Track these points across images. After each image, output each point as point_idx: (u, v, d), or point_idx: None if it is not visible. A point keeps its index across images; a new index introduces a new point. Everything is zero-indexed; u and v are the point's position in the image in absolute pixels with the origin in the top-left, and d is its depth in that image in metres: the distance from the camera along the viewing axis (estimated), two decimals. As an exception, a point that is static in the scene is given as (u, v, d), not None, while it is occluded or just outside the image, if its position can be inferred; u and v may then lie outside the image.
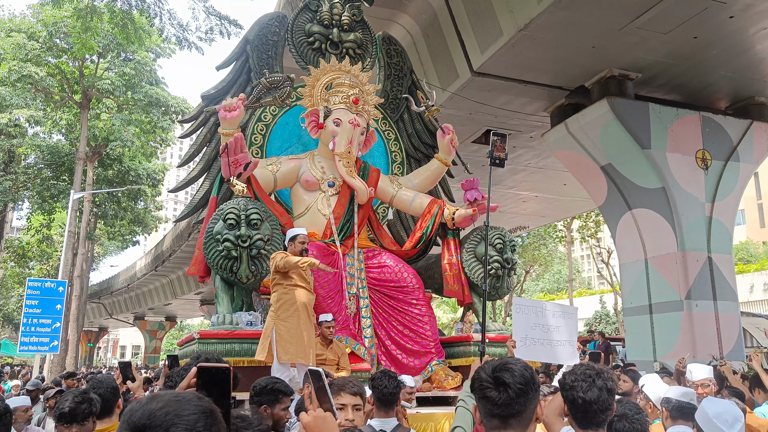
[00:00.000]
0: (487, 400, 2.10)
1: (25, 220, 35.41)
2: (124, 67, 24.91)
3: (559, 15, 11.20)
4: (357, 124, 8.13)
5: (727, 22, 11.51)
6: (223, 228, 6.75)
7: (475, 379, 2.19)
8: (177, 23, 15.91)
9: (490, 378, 2.12)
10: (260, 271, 6.89)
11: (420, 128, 9.71)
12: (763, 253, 44.00)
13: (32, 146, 27.13)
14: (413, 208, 8.58)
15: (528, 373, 2.12)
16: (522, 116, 15.35)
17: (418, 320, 7.77)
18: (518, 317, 5.33)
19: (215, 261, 6.79)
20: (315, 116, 8.22)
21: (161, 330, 54.91)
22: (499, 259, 7.97)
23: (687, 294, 13.11)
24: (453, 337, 8.30)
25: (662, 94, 14.31)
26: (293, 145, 8.90)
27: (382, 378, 4.07)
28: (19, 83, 23.39)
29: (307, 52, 8.95)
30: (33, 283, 18.42)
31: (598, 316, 42.34)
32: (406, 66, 9.80)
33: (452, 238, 8.23)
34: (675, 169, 13.60)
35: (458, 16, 13.13)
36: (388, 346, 7.66)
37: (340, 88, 8.45)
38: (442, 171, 8.90)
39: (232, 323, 6.74)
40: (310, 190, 8.19)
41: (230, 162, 7.03)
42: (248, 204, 6.93)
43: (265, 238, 6.85)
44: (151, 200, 32.12)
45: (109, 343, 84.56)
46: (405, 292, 7.88)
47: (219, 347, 6.37)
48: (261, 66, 8.64)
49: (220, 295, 7.07)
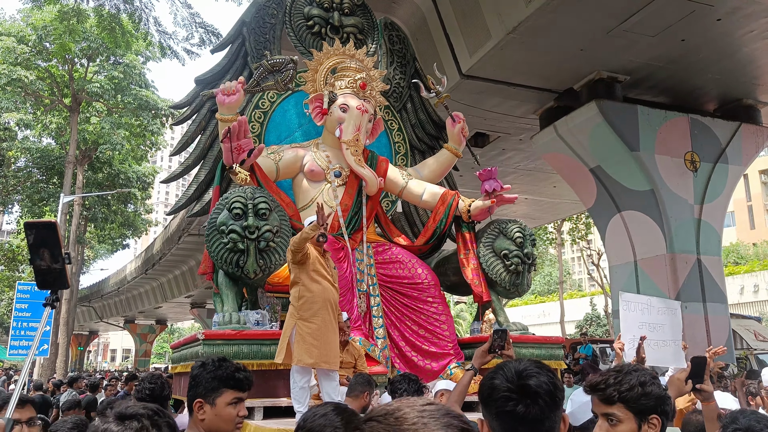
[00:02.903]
0: (510, 416, 1.66)
1: (15, 223, 35.23)
2: (113, 70, 24.89)
3: (547, 18, 11.22)
4: (365, 110, 7.59)
5: (714, 25, 11.56)
6: (229, 218, 6.17)
7: (488, 389, 1.73)
8: (162, 30, 15.85)
9: (513, 386, 1.68)
10: (269, 265, 6.31)
11: (424, 118, 9.28)
12: (753, 255, 44.18)
13: (22, 150, 27.08)
14: (424, 200, 7.97)
15: (555, 378, 1.74)
16: (511, 119, 15.37)
17: (435, 319, 7.18)
18: (626, 315, 4.80)
19: (219, 254, 6.21)
20: (319, 101, 7.63)
21: (152, 333, 54.68)
22: (519, 254, 7.40)
23: (676, 296, 13.12)
24: (473, 337, 7.59)
25: (651, 97, 14.36)
26: (293, 134, 8.31)
27: (402, 382, 3.78)
28: (9, 87, 23.34)
29: (306, 37, 8.51)
30: (23, 287, 18.28)
31: (588, 318, 42.39)
32: (408, 53, 9.36)
33: (467, 232, 7.68)
34: (664, 172, 13.65)
35: (447, 19, 13.15)
36: (402, 348, 7.13)
37: (345, 72, 7.90)
38: (452, 162, 8.36)
39: (240, 322, 6.12)
40: (314, 181, 7.64)
41: (233, 148, 6.50)
42: (255, 192, 6.34)
43: (273, 229, 6.24)
44: (141, 203, 32.05)
45: (99, 346, 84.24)
46: (419, 289, 7.29)
47: (225, 349, 5.78)
48: (258, 49, 8.16)
49: (224, 291, 6.46)
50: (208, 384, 2.45)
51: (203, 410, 2.44)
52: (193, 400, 2.46)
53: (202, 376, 2.47)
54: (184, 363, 6.54)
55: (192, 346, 6.27)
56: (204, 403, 2.44)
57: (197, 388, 2.47)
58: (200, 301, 40.22)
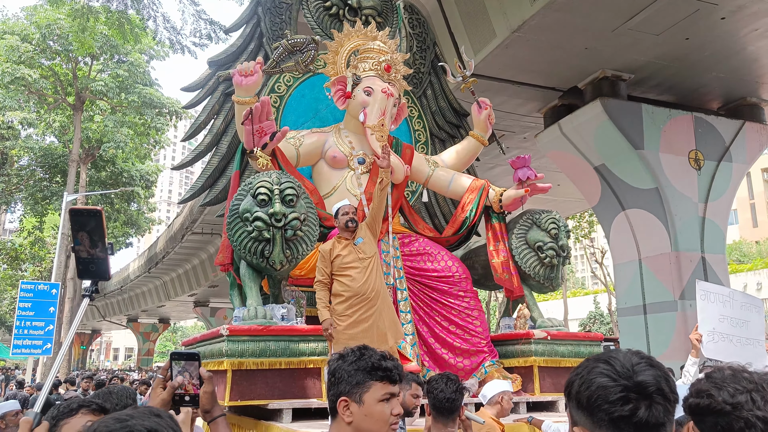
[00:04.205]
0: (627, 422, 1.32)
1: (18, 222, 35.29)
2: (117, 68, 24.90)
3: (552, 17, 11.23)
4: (390, 94, 7.13)
5: (719, 24, 11.56)
6: (253, 205, 5.70)
7: (593, 390, 1.36)
8: (171, 26, 15.89)
9: (630, 384, 1.34)
10: (295, 255, 5.85)
11: (444, 106, 8.90)
12: (756, 253, 44.18)
13: (25, 148, 27.14)
14: (452, 189, 7.59)
15: (665, 370, 1.41)
16: (516, 117, 15.38)
17: (467, 314, 6.75)
18: (704, 306, 4.45)
19: (243, 244, 5.75)
20: (342, 84, 7.18)
21: (154, 332, 54.77)
22: (554, 246, 7.03)
23: (681, 294, 13.14)
24: (507, 334, 7.13)
25: (655, 95, 14.36)
26: (309, 120, 7.85)
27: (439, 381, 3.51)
28: (13, 85, 23.40)
29: (324, 18, 8.17)
30: (26, 286, 18.34)
31: (592, 316, 42.42)
32: (429, 38, 9.00)
33: (498, 223, 7.28)
34: (668, 170, 13.65)
35: (451, 17, 13.13)
36: (432, 345, 6.66)
37: (369, 53, 7.43)
38: (477, 150, 7.98)
39: (266, 317, 5.64)
40: (337, 168, 7.21)
41: (254, 130, 6.06)
42: (281, 177, 5.84)
43: (301, 217, 5.77)
44: (144, 202, 32.07)
45: (102, 345, 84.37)
46: (450, 282, 6.85)
47: (251, 346, 5.39)
48: (274, 30, 7.82)
49: (247, 284, 5.99)
50: (351, 378, 2.11)
51: (349, 410, 2.09)
52: (337, 399, 2.12)
53: (343, 369, 2.13)
54: (205, 361, 5.90)
55: (214, 342, 5.86)
56: (350, 402, 2.09)
57: (339, 385, 2.13)
58: (203, 300, 40.32)
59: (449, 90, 9.06)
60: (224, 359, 5.35)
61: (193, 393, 2.01)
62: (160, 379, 2.04)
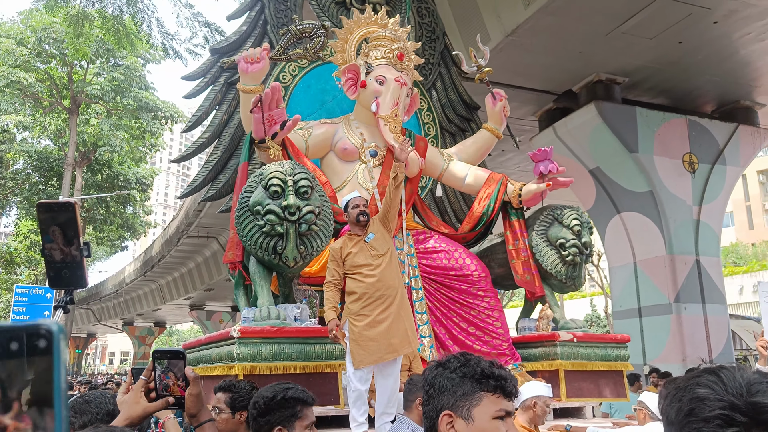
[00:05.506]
0: None
1: (13, 226, 35.21)
2: (113, 72, 24.91)
3: (546, 20, 11.26)
4: (404, 83, 6.81)
5: (711, 28, 11.61)
6: (265, 197, 5.30)
7: (690, 402, 1.06)
8: (165, 32, 15.87)
9: (740, 404, 1.02)
10: (309, 252, 5.45)
11: (455, 98, 8.59)
12: (753, 255, 44.22)
13: (21, 152, 27.07)
14: (467, 183, 7.23)
15: None
16: (510, 120, 15.18)
17: (487, 315, 6.41)
18: None
19: (254, 239, 5.33)
20: (353, 73, 6.82)
21: (150, 336, 54.59)
22: (577, 243, 6.72)
23: (676, 297, 13.18)
24: (530, 336, 6.75)
25: (649, 98, 14.41)
26: (316, 112, 7.52)
27: None
28: (8, 89, 23.36)
29: (330, 6, 7.92)
30: (21, 290, 18.34)
31: (588, 318, 42.38)
32: (438, 27, 8.69)
33: (516, 219, 6.93)
34: (662, 173, 13.69)
35: (446, 21, 13.13)
36: (450, 347, 6.29)
37: (380, 41, 7.09)
38: (491, 143, 7.72)
39: (279, 317, 5.21)
40: (347, 161, 6.87)
41: (264, 119, 5.73)
42: (295, 168, 5.44)
43: (316, 210, 5.37)
44: (140, 205, 32.03)
45: (97, 349, 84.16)
46: (469, 281, 6.50)
47: (264, 348, 4.98)
48: (279, 17, 7.53)
49: (257, 282, 5.56)
50: (457, 388, 1.70)
51: (454, 429, 1.66)
52: (438, 414, 1.70)
53: (446, 377, 1.73)
54: (212, 365, 5.50)
55: (222, 345, 5.40)
56: (455, 417, 1.67)
57: (442, 396, 1.71)
58: (199, 303, 40.22)
59: (459, 82, 8.79)
60: (235, 363, 4.94)
61: (178, 395, 1.88)
62: (143, 381, 1.89)
